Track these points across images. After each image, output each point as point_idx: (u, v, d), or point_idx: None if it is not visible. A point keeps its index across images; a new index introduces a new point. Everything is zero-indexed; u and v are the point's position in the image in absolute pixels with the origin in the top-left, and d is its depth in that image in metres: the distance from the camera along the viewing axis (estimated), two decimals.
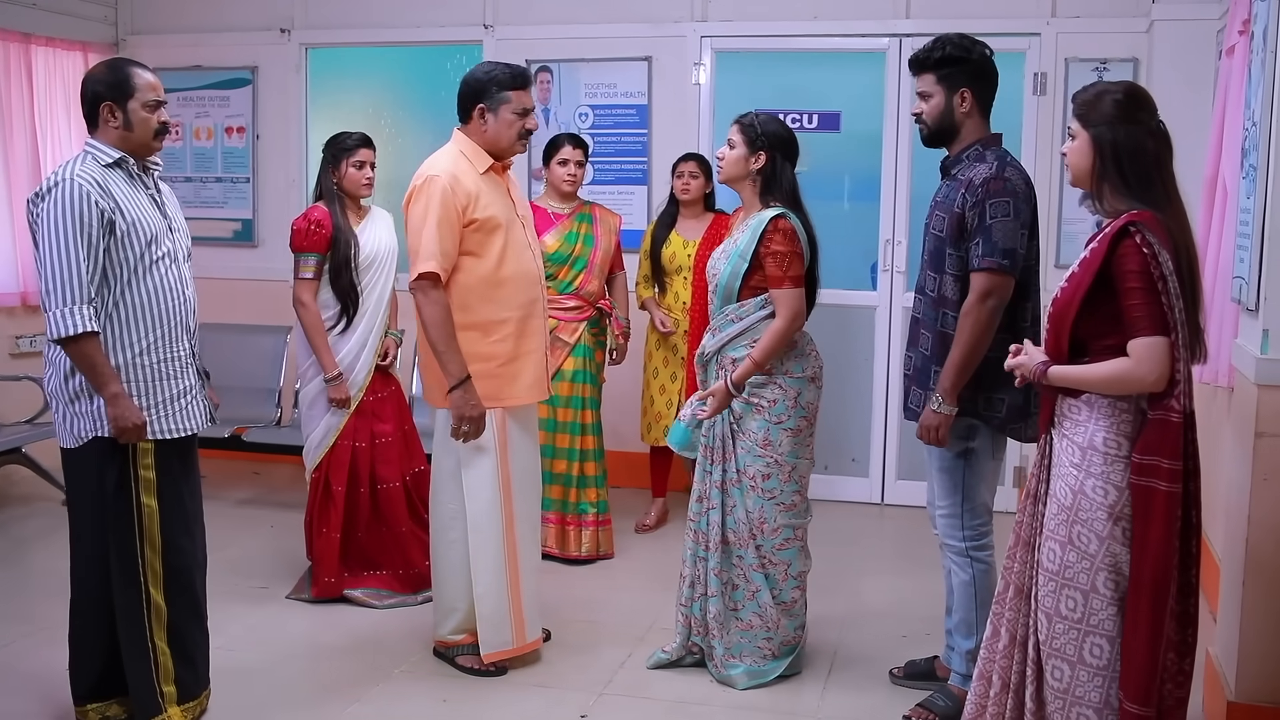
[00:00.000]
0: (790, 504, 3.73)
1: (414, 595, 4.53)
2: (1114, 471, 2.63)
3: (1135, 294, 2.57)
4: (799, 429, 3.72)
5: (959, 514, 3.48)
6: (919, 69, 3.45)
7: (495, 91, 3.69)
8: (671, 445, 3.90)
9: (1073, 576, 2.66)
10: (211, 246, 6.77)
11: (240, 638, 4.19)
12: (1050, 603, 2.70)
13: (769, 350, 3.62)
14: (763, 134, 3.68)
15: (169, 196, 3.35)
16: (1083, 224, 5.77)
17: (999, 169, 3.31)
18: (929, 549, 3.86)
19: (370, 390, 4.54)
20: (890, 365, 6.02)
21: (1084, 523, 2.64)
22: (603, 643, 4.18)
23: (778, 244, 3.63)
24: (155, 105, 3.20)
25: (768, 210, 3.68)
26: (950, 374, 3.30)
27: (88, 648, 3.28)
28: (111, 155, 3.15)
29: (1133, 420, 2.64)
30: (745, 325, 3.68)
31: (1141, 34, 5.59)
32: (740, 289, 3.68)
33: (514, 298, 3.73)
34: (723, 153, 3.74)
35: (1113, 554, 2.63)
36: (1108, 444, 2.64)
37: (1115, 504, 2.62)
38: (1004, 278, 3.27)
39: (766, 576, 3.74)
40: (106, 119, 3.16)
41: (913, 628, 4.33)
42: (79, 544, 3.26)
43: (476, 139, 3.74)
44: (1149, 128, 2.68)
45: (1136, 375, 2.58)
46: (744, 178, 3.72)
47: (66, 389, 3.17)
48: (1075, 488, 2.66)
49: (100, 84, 3.17)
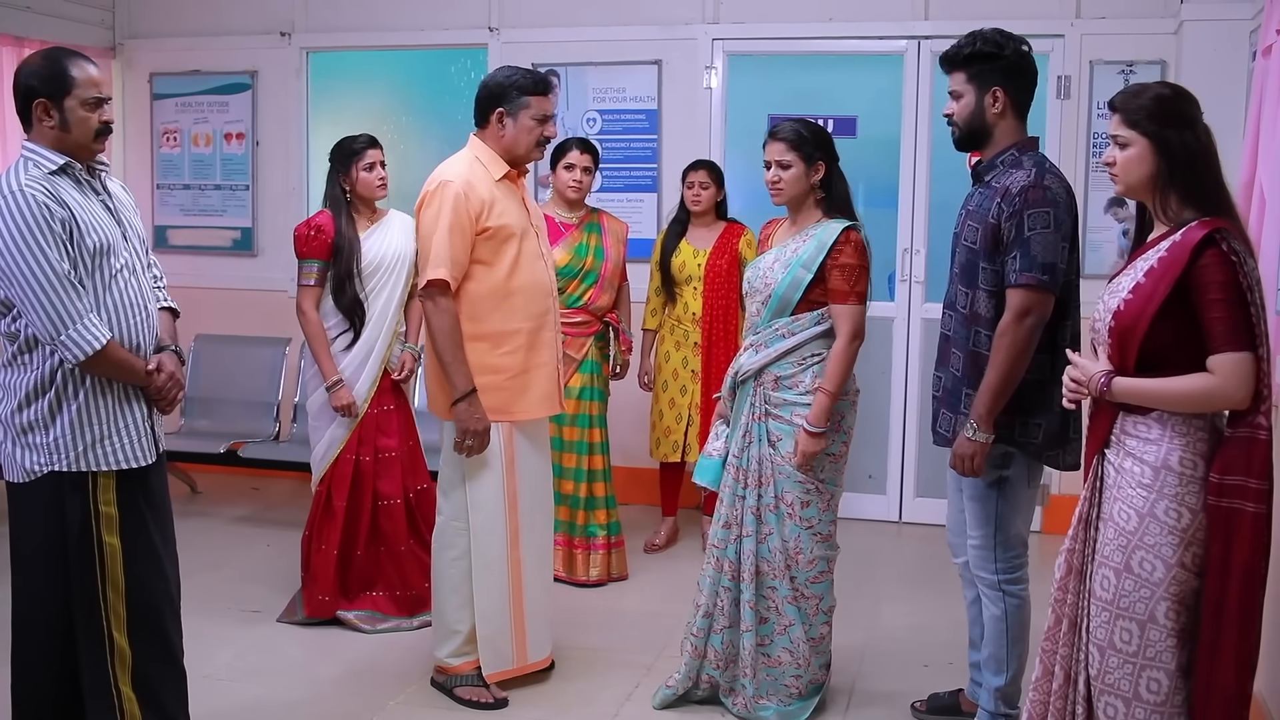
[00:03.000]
0: (827, 534, 3.54)
1: (409, 619, 4.36)
2: (1188, 494, 2.46)
3: (1220, 306, 2.40)
4: (840, 454, 3.54)
5: (991, 546, 3.29)
6: (950, 66, 3.26)
7: (516, 96, 3.59)
8: (703, 483, 3.68)
9: (1129, 606, 2.48)
10: (210, 256, 6.64)
11: (229, 666, 4.01)
12: (1103, 634, 2.51)
13: (840, 375, 3.43)
14: (813, 142, 3.48)
15: (120, 197, 3.02)
16: (1108, 233, 5.61)
17: (1038, 176, 3.11)
18: (950, 571, 3.69)
19: (375, 403, 4.38)
20: (909, 379, 5.84)
21: (1149, 548, 2.46)
22: (609, 671, 4.00)
23: (848, 257, 3.44)
24: (96, 103, 2.84)
25: (834, 221, 3.49)
26: (986, 399, 3.10)
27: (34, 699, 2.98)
28: (55, 161, 2.81)
29: (1207, 439, 2.47)
30: (797, 341, 3.48)
31: (1169, 35, 5.41)
32: (798, 301, 3.49)
33: (525, 309, 3.61)
34: (776, 176, 3.49)
35: (1179, 582, 2.45)
36: (1184, 464, 2.46)
37: (1189, 528, 2.45)
38: (1044, 294, 3.07)
39: (799, 610, 3.53)
40: (40, 118, 2.81)
41: (935, 656, 4.13)
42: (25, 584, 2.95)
43: (493, 144, 3.63)
44: (1202, 126, 2.52)
45: (1223, 393, 2.41)
46: (807, 194, 3.52)
47: (18, 419, 2.87)
48: (1143, 510, 2.48)
49: (34, 78, 2.81)
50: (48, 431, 2.84)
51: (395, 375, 4.42)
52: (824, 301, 3.47)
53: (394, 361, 4.41)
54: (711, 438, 3.69)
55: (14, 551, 2.96)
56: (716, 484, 3.63)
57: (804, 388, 3.46)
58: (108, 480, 2.89)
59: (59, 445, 2.84)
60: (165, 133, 6.65)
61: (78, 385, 2.85)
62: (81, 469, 2.85)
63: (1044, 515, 5.62)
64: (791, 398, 3.47)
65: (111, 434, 2.88)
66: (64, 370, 2.83)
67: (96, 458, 2.87)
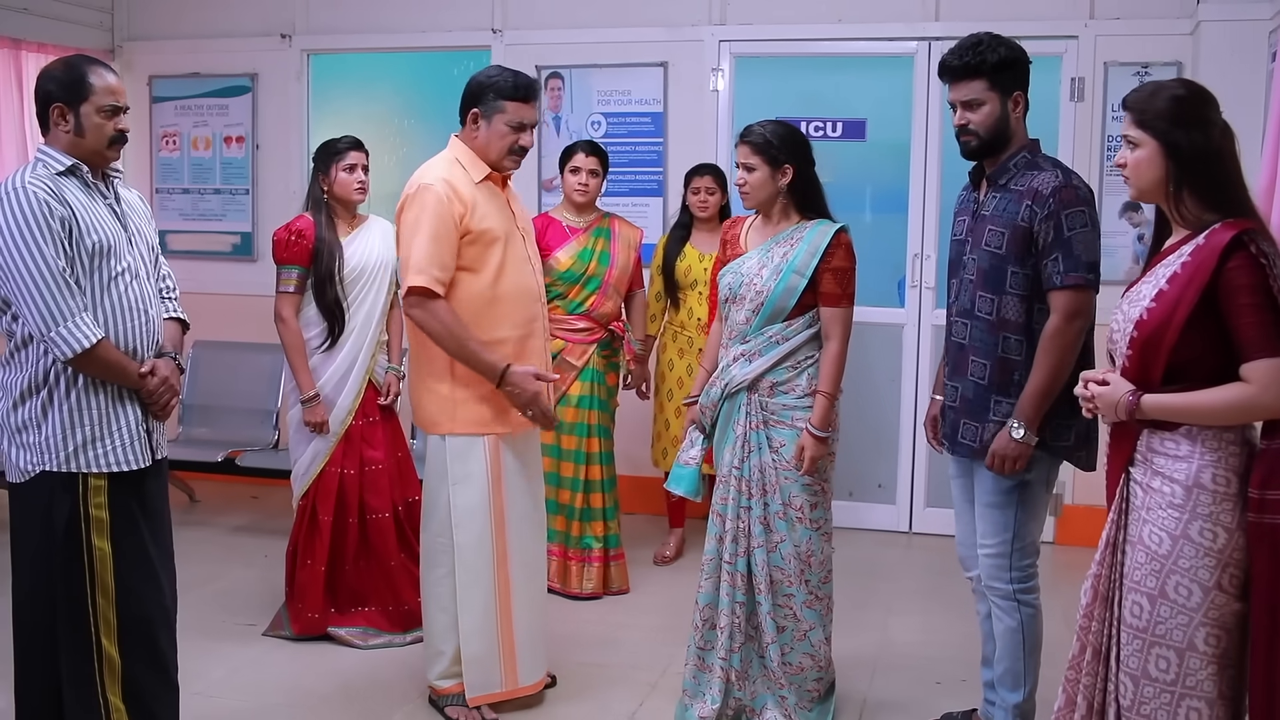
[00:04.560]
0: (830, 533, 3.53)
1: (403, 635, 4.25)
2: (1223, 512, 2.34)
3: (1252, 311, 2.29)
4: (834, 452, 3.50)
5: (1008, 554, 3.21)
6: (967, 75, 3.12)
7: (492, 98, 3.46)
8: (680, 492, 3.62)
9: (1165, 633, 2.37)
10: (209, 261, 6.54)
11: (220, 682, 3.91)
12: (1136, 663, 2.40)
13: (836, 377, 3.41)
14: (779, 146, 3.40)
15: (132, 205, 3.07)
16: (1123, 238, 5.50)
17: (1066, 176, 3.07)
18: (961, 584, 3.59)
19: (360, 414, 4.27)
20: (919, 386, 5.72)
21: (1184, 572, 2.35)
22: (611, 689, 3.89)
23: (840, 260, 3.40)
24: (113, 111, 2.90)
25: (823, 223, 3.43)
26: (1034, 401, 3.06)
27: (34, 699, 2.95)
28: (64, 162, 2.85)
29: (1239, 452, 2.36)
30: (791, 347, 3.41)
31: (1185, 36, 5.30)
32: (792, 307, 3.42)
33: (511, 315, 3.50)
34: (742, 178, 3.44)
35: (1218, 606, 2.34)
36: (1217, 481, 2.35)
37: (1225, 548, 2.34)
38: (1090, 294, 3.05)
39: (816, 613, 3.48)
40: (57, 122, 2.87)
41: (947, 672, 4.02)
42: (21, 587, 2.94)
43: (471, 145, 3.52)
44: (1220, 126, 2.41)
45: (1261, 403, 2.30)
46: (775, 198, 3.45)
47: (14, 418, 2.86)
48: (1176, 532, 2.36)
49: (53, 83, 2.88)
50: (39, 430, 2.84)
51: (382, 400, 4.32)
52: (814, 305, 3.42)
53: (378, 373, 4.32)
54: (686, 445, 3.61)
55: (13, 554, 2.95)
56: (693, 493, 3.58)
57: (801, 391, 3.42)
58: (99, 483, 2.87)
59: (49, 444, 2.83)
60: (164, 136, 6.56)
61: (70, 385, 2.84)
62: (72, 469, 2.84)
63: (1057, 525, 5.51)
64: (790, 402, 3.42)
65: (103, 435, 2.87)
66: (57, 369, 2.83)
67: (87, 459, 2.86)
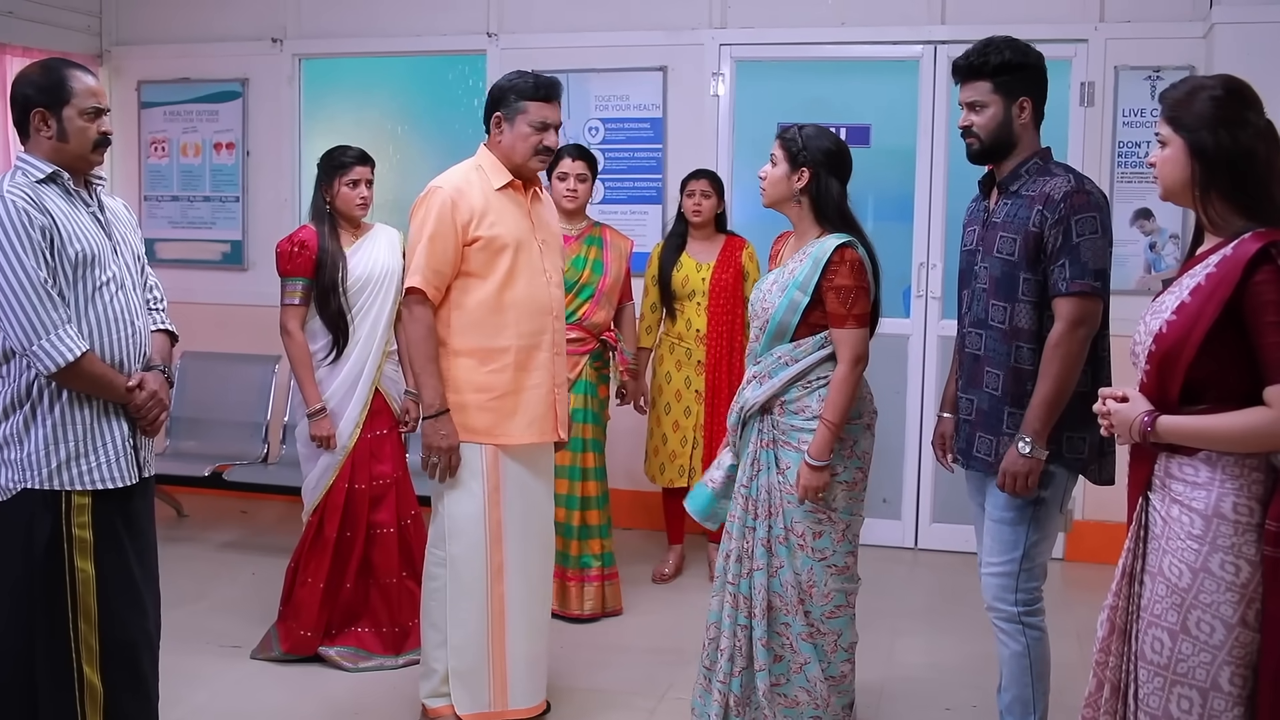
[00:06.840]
0: (843, 566, 3.30)
1: (395, 657, 4.11)
2: (1245, 543, 2.19)
3: (1276, 330, 2.14)
4: (854, 481, 3.30)
5: (1015, 574, 3.07)
6: (971, 76, 3.06)
7: (513, 100, 3.41)
8: (692, 513, 3.50)
9: (1187, 671, 2.22)
10: (198, 269, 6.41)
11: (204, 708, 3.76)
12: (1156, 702, 2.25)
13: (842, 405, 3.20)
14: (805, 148, 3.27)
15: (117, 213, 2.98)
16: (1134, 245, 5.37)
17: (1079, 181, 2.98)
18: (969, 602, 3.43)
19: (368, 426, 4.14)
20: (925, 398, 5.58)
21: (1206, 607, 2.20)
22: (609, 714, 3.75)
23: (842, 277, 3.22)
24: (96, 113, 2.81)
25: (830, 238, 3.26)
26: (1041, 413, 2.93)
27: None
28: (44, 170, 2.76)
29: (1263, 480, 2.21)
30: (801, 369, 3.26)
31: (1199, 39, 5.17)
32: (797, 326, 3.27)
33: (517, 325, 3.41)
34: (765, 171, 3.34)
35: (1243, 644, 2.19)
36: (1238, 510, 2.20)
37: (1249, 582, 2.19)
38: (1096, 302, 2.94)
39: (815, 647, 3.29)
40: (39, 128, 2.78)
41: (957, 698, 3.87)
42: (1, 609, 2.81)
43: (496, 151, 3.46)
44: (1258, 128, 2.26)
45: None
46: (788, 199, 3.32)
47: None
48: (1196, 565, 2.21)
49: (31, 87, 2.79)
50: (21, 446, 2.75)
51: (403, 429, 4.22)
52: (825, 324, 3.26)
53: (393, 394, 4.20)
54: (713, 466, 3.48)
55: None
56: (701, 515, 3.47)
57: (810, 413, 3.25)
58: (82, 501, 2.77)
59: (31, 461, 2.74)
60: (153, 142, 6.43)
61: (54, 399, 2.76)
62: (54, 487, 2.75)
63: (1067, 541, 5.36)
64: (799, 423, 3.25)
65: (87, 452, 2.77)
66: (40, 383, 2.74)
67: (70, 476, 2.77)
